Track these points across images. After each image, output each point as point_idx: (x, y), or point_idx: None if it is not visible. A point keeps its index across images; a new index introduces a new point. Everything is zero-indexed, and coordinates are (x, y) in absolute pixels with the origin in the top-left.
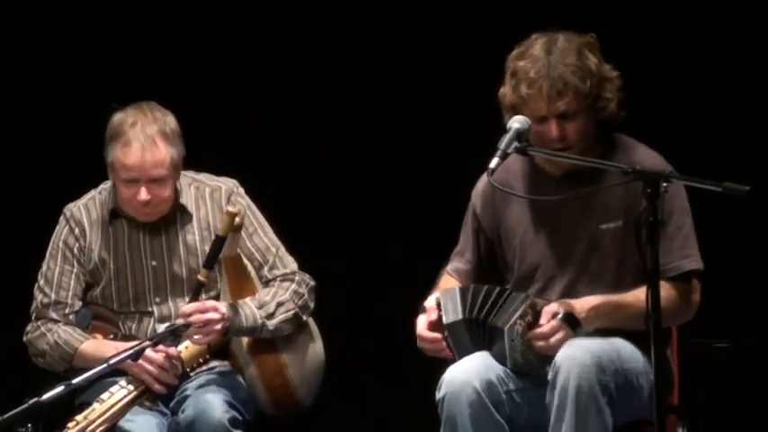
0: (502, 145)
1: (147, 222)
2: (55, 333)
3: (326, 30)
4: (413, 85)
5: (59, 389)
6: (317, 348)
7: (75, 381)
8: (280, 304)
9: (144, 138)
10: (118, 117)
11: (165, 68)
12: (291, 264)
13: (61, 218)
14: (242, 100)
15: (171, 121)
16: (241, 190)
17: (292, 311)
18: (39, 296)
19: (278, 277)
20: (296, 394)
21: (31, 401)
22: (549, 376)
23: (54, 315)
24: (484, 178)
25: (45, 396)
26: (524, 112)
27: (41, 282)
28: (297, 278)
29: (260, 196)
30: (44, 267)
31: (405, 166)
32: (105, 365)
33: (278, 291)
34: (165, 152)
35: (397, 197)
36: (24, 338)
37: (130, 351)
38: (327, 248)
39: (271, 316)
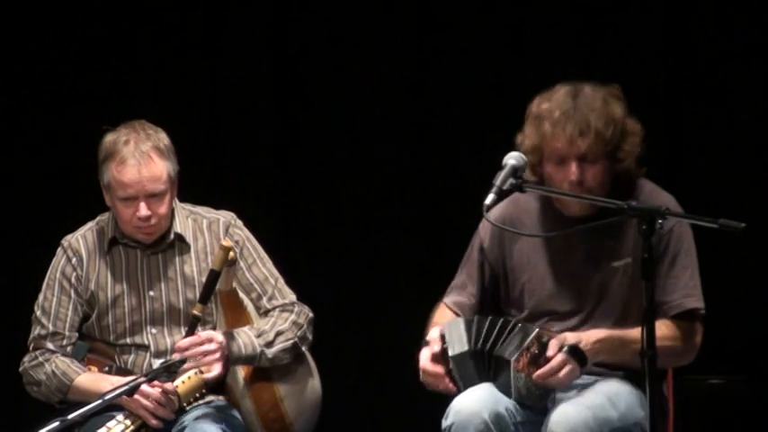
0: (497, 182)
1: (145, 251)
2: (52, 363)
3: (320, 55)
4: (411, 116)
5: (55, 424)
6: (314, 383)
7: (70, 416)
8: (279, 333)
9: (139, 154)
10: (110, 137)
11: (159, 98)
12: (290, 295)
13: (59, 249)
14: (235, 130)
15: (164, 137)
16: (239, 222)
17: (291, 341)
18: (36, 328)
19: (277, 307)
20: (291, 429)
21: None
22: None
23: (51, 346)
24: (493, 213)
25: None
26: (545, 151)
27: (38, 313)
28: (296, 309)
29: (256, 229)
30: (41, 298)
31: (406, 199)
32: (101, 401)
33: (277, 320)
34: (162, 167)
35: (396, 232)
36: (21, 368)
37: (125, 387)
38: (325, 281)
39: (269, 344)
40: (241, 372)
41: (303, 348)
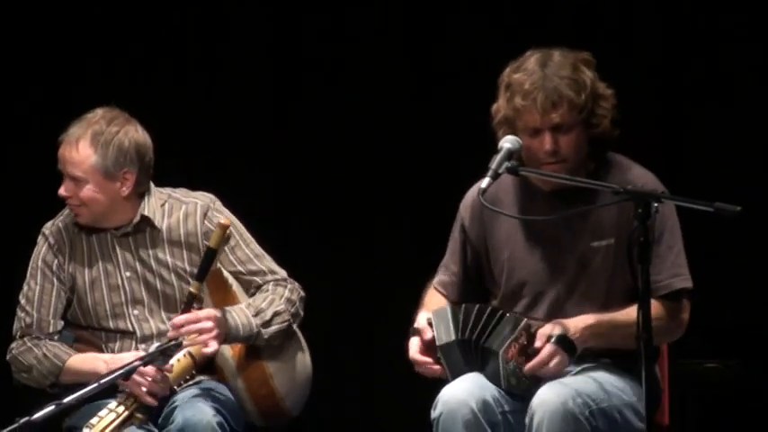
0: (493, 165)
1: (114, 234)
2: (43, 347)
3: (314, 34)
4: (401, 93)
5: (50, 408)
6: (304, 359)
7: (66, 399)
8: (276, 314)
9: (71, 135)
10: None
11: (157, 83)
12: (281, 271)
13: (40, 237)
14: (224, 109)
15: (118, 132)
16: (218, 204)
17: (287, 322)
18: (21, 316)
19: (269, 282)
20: (282, 405)
21: (21, 421)
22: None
23: (38, 333)
24: (472, 191)
25: (36, 415)
26: (518, 124)
27: (23, 301)
28: (289, 285)
29: (244, 207)
30: (25, 288)
31: (394, 176)
32: (96, 385)
33: (274, 298)
34: (84, 156)
35: (388, 208)
36: (8, 356)
37: (120, 371)
38: (316, 258)
39: (267, 324)
40: (229, 351)
41: (294, 326)
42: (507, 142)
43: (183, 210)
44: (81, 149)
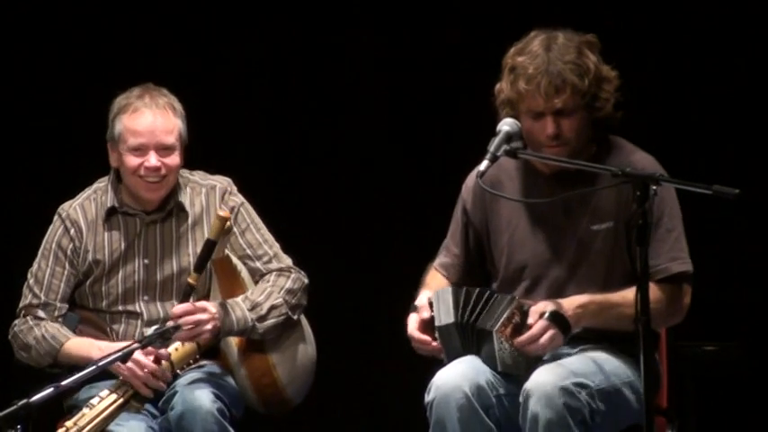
0: (491, 148)
1: (143, 220)
2: (42, 327)
3: (317, 27)
4: (403, 80)
5: (49, 390)
6: (308, 348)
7: (64, 382)
8: (272, 308)
9: (155, 105)
10: (124, 94)
11: (155, 64)
12: (286, 260)
13: (56, 218)
14: (233, 96)
15: (176, 101)
16: (234, 188)
17: (284, 316)
18: (28, 295)
19: (273, 271)
20: (284, 394)
21: (20, 403)
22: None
23: (42, 314)
24: (474, 174)
25: (34, 398)
26: (521, 107)
27: (31, 281)
28: (292, 275)
29: (251, 194)
30: (35, 267)
31: (396, 162)
32: (95, 367)
33: (272, 291)
34: (175, 121)
35: (388, 194)
36: (10, 334)
37: (119, 353)
38: (319, 246)
39: (262, 318)
40: (234, 339)
41: (295, 317)
42: (506, 125)
43: (203, 193)
44: (171, 117)
